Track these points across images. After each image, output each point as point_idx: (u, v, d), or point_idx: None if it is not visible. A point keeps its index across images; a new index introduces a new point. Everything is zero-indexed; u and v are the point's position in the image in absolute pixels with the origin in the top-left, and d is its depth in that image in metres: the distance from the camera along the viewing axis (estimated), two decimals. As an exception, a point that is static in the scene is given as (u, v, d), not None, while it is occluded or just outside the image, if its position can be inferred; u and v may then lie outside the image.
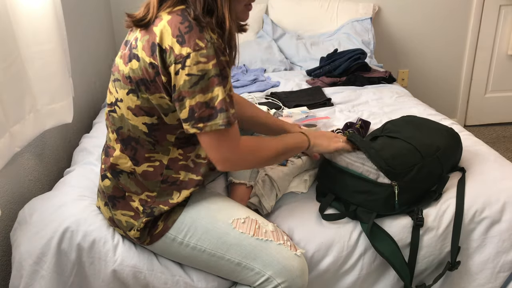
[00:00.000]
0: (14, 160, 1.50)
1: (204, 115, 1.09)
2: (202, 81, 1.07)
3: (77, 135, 2.11)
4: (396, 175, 1.31)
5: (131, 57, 1.15)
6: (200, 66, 1.06)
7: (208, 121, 1.09)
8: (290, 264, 1.20)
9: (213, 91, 1.08)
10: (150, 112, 1.16)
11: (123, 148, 1.22)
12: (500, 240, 1.37)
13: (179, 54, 1.06)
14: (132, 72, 1.14)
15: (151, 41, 1.10)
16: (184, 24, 1.07)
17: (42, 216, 1.31)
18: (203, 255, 1.22)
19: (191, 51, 1.06)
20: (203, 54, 1.06)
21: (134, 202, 1.24)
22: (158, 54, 1.09)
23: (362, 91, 2.32)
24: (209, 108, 1.09)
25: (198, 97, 1.08)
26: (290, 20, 3.05)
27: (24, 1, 1.39)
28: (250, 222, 1.23)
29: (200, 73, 1.07)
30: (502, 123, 3.52)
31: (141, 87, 1.14)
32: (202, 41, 1.06)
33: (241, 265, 1.21)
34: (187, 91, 1.08)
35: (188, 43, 1.06)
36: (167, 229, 1.22)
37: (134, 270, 1.26)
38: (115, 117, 1.22)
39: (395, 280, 1.37)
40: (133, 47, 1.15)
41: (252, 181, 1.49)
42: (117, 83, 1.20)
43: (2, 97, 1.30)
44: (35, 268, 1.25)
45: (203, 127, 1.10)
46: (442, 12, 3.23)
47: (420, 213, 1.33)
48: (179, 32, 1.07)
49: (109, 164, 1.25)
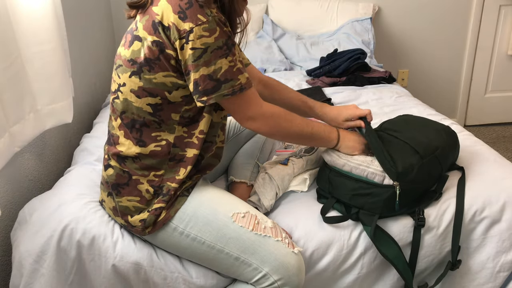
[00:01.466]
0: (14, 160, 1.50)
1: (208, 87, 1.14)
2: (205, 54, 1.11)
3: (77, 135, 2.11)
4: (398, 175, 1.30)
5: (132, 40, 1.18)
6: (203, 39, 1.10)
7: (212, 94, 1.14)
8: (287, 261, 1.20)
9: (215, 64, 1.12)
10: (153, 92, 1.19)
11: (128, 132, 1.24)
12: (500, 240, 1.38)
13: (183, 29, 1.10)
14: (134, 54, 1.18)
15: (151, 20, 1.14)
16: (183, 1, 1.11)
17: (42, 216, 1.31)
18: (203, 247, 1.22)
19: (194, 25, 1.10)
20: (205, 28, 1.10)
21: (142, 184, 1.25)
22: (161, 31, 1.12)
23: (362, 91, 2.32)
24: (212, 81, 1.13)
25: (201, 70, 1.12)
26: (290, 20, 3.05)
27: (24, 1, 1.39)
28: (250, 217, 1.24)
29: (203, 47, 1.11)
30: (502, 123, 3.52)
31: (144, 68, 1.17)
32: (203, 15, 1.10)
33: (239, 259, 1.21)
34: (191, 65, 1.12)
35: (190, 18, 1.10)
36: (170, 218, 1.23)
37: (134, 266, 1.26)
38: (118, 103, 1.24)
39: (395, 279, 1.37)
40: (133, 30, 1.19)
41: (253, 180, 1.50)
42: (120, 69, 1.23)
43: (2, 97, 1.31)
44: (35, 267, 1.25)
45: (207, 99, 1.15)
46: (442, 12, 3.23)
47: (422, 213, 1.33)
48: (180, 9, 1.11)
49: (113, 152, 1.26)
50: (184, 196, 1.25)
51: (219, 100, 1.17)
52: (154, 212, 1.23)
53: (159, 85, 1.17)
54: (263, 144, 1.60)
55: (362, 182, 1.33)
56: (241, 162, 1.55)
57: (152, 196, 1.25)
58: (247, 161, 1.54)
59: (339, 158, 1.37)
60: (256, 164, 1.55)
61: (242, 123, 1.23)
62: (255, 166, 1.54)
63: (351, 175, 1.35)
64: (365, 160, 1.34)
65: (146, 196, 1.25)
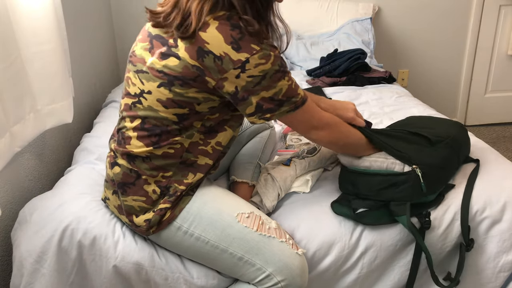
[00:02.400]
0: (14, 160, 1.50)
1: (271, 107, 1.17)
2: (264, 80, 1.14)
3: (78, 135, 2.11)
4: (411, 158, 1.32)
5: (169, 54, 1.16)
6: (260, 67, 1.12)
7: (275, 111, 1.18)
8: (291, 263, 1.20)
9: (276, 87, 1.15)
10: (183, 104, 1.18)
11: (145, 135, 1.23)
12: (501, 240, 1.38)
13: (237, 60, 1.11)
14: (168, 68, 1.16)
15: (197, 46, 1.12)
16: (235, 31, 1.11)
17: (42, 215, 1.31)
18: (206, 246, 1.22)
19: (249, 55, 1.11)
20: (261, 56, 1.12)
21: (150, 185, 1.24)
22: (210, 60, 1.12)
23: (362, 91, 2.32)
24: (274, 101, 1.17)
25: (263, 93, 1.15)
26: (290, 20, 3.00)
27: (24, 1, 1.39)
28: (254, 217, 1.24)
29: (262, 74, 1.13)
30: (502, 123, 3.52)
31: (176, 82, 1.16)
32: (256, 44, 1.12)
33: (243, 259, 1.21)
34: (251, 90, 1.14)
35: (244, 48, 1.11)
36: (174, 217, 1.23)
37: (135, 266, 1.26)
38: (141, 108, 1.22)
39: (395, 279, 1.37)
40: (171, 45, 1.15)
41: (255, 180, 1.50)
42: (143, 75, 1.21)
43: (2, 97, 1.30)
44: (36, 267, 1.25)
45: (271, 116, 1.19)
46: (442, 12, 3.23)
47: (428, 215, 1.33)
48: (233, 39, 1.11)
49: (122, 151, 1.26)
50: (188, 195, 1.25)
51: (281, 116, 1.20)
52: (159, 212, 1.23)
53: (190, 98, 1.17)
54: (265, 144, 1.60)
55: (385, 175, 1.33)
56: (243, 162, 1.55)
57: (159, 196, 1.24)
58: (249, 161, 1.54)
59: (355, 157, 1.37)
60: (257, 164, 1.55)
61: (306, 134, 1.26)
62: (256, 166, 1.54)
63: (373, 171, 1.35)
64: (381, 153, 1.36)
65: (152, 196, 1.24)
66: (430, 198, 1.36)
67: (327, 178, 1.54)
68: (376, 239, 1.34)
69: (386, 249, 1.35)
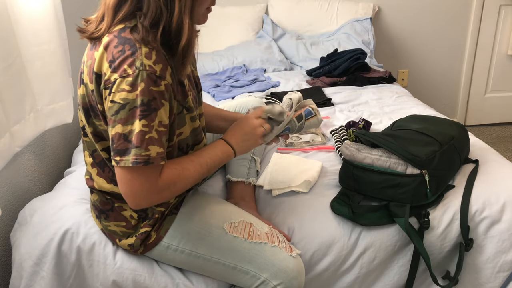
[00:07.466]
0: (14, 160, 1.50)
1: (121, 148, 1.02)
2: (123, 111, 1.00)
3: (77, 135, 2.11)
4: (423, 163, 1.32)
5: (80, 81, 1.12)
6: (123, 94, 0.99)
7: (123, 156, 1.01)
8: (285, 266, 1.20)
9: (133, 124, 1.00)
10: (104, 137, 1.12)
11: (100, 171, 1.19)
12: (500, 240, 1.38)
13: (108, 79, 1.02)
14: (82, 97, 1.12)
15: (91, 67, 1.06)
16: (117, 48, 1.02)
17: (43, 217, 1.31)
18: (199, 260, 1.22)
19: (118, 77, 1.00)
20: (128, 81, 0.99)
21: (126, 211, 1.21)
22: (94, 80, 1.05)
23: (362, 91, 2.32)
24: (126, 141, 1.01)
25: (117, 127, 1.01)
26: (290, 20, 3.05)
27: (24, 1, 1.39)
28: (244, 225, 1.23)
29: (122, 102, 1.00)
30: (502, 123, 3.51)
31: (91, 113, 1.11)
32: (131, 67, 0.99)
33: (237, 268, 1.21)
34: (110, 119, 1.02)
35: (118, 68, 1.00)
36: (160, 238, 1.22)
37: (134, 273, 1.25)
38: (88, 141, 1.19)
39: (394, 279, 1.38)
40: (81, 71, 1.12)
41: (250, 177, 1.49)
42: (79, 108, 1.16)
43: (2, 97, 1.30)
44: (35, 269, 1.25)
45: (119, 161, 1.02)
46: (442, 12, 3.23)
47: (427, 215, 1.33)
48: (112, 57, 1.02)
49: (89, 184, 1.23)
50: (172, 214, 1.23)
51: (123, 165, 1.02)
52: (140, 237, 1.21)
53: (105, 132, 1.11)
54: None
55: (388, 174, 1.34)
56: (237, 158, 1.52)
57: (137, 221, 1.22)
58: (243, 156, 1.52)
59: (359, 152, 1.37)
60: (252, 158, 1.54)
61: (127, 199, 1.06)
62: (251, 161, 1.53)
63: (375, 168, 1.35)
64: (384, 152, 1.36)
65: (131, 221, 1.22)
66: (431, 199, 1.36)
67: (327, 178, 1.53)
68: (375, 240, 1.34)
69: (385, 249, 1.35)
